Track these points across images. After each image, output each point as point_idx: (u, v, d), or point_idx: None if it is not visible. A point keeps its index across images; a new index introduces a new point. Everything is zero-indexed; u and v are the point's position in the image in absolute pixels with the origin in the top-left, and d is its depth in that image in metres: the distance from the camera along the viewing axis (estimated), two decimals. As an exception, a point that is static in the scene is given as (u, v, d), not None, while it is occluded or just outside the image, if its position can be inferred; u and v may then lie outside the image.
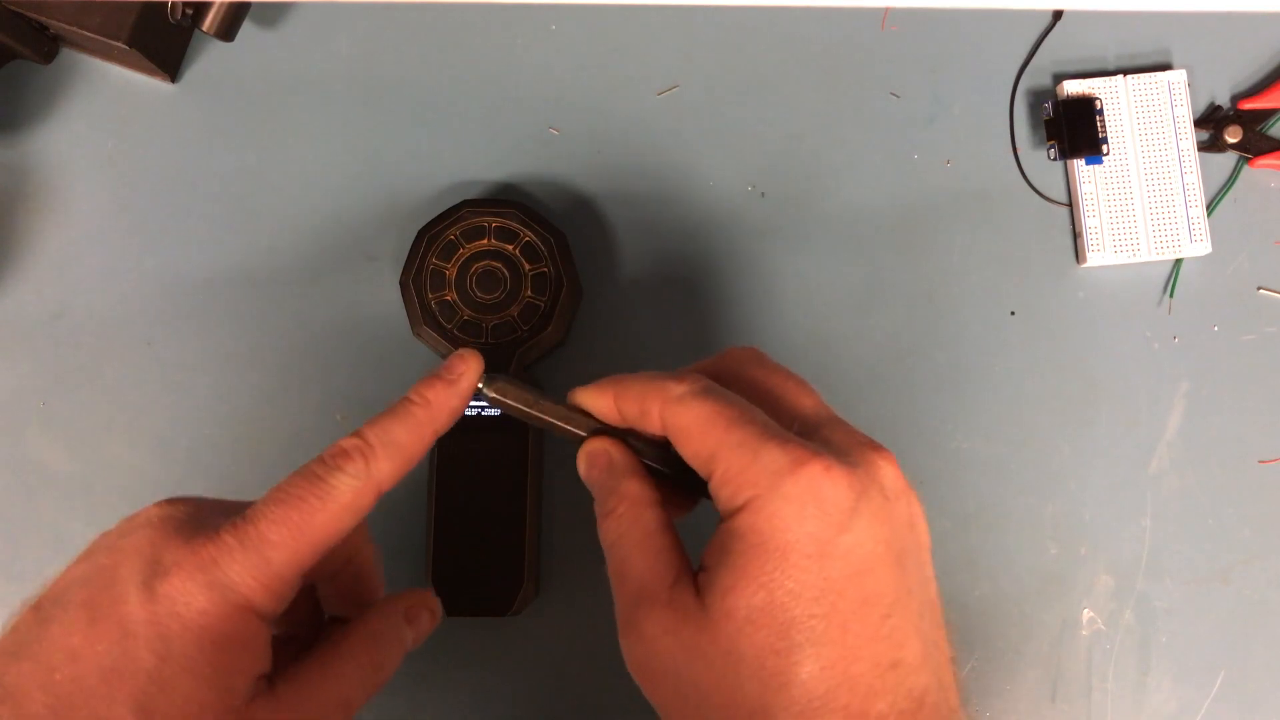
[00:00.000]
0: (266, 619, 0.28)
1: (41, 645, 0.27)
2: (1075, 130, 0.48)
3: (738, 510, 0.27)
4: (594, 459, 0.32)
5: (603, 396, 0.32)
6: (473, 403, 0.45)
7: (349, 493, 0.29)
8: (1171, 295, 0.49)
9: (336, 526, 0.29)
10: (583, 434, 0.33)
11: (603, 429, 0.33)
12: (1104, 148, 0.48)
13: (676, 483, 0.33)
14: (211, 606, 0.27)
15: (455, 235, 0.46)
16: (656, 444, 0.33)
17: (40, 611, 0.28)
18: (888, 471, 0.29)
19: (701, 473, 0.29)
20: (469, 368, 0.32)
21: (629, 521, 0.30)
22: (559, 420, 0.33)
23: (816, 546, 0.26)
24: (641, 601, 0.28)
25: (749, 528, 0.27)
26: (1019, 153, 0.50)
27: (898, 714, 0.27)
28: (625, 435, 0.33)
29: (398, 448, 0.30)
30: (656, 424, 0.30)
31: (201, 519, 0.29)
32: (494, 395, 0.33)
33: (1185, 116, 0.49)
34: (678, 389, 0.29)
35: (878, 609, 0.27)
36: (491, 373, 0.33)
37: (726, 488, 0.28)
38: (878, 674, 0.26)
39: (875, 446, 0.29)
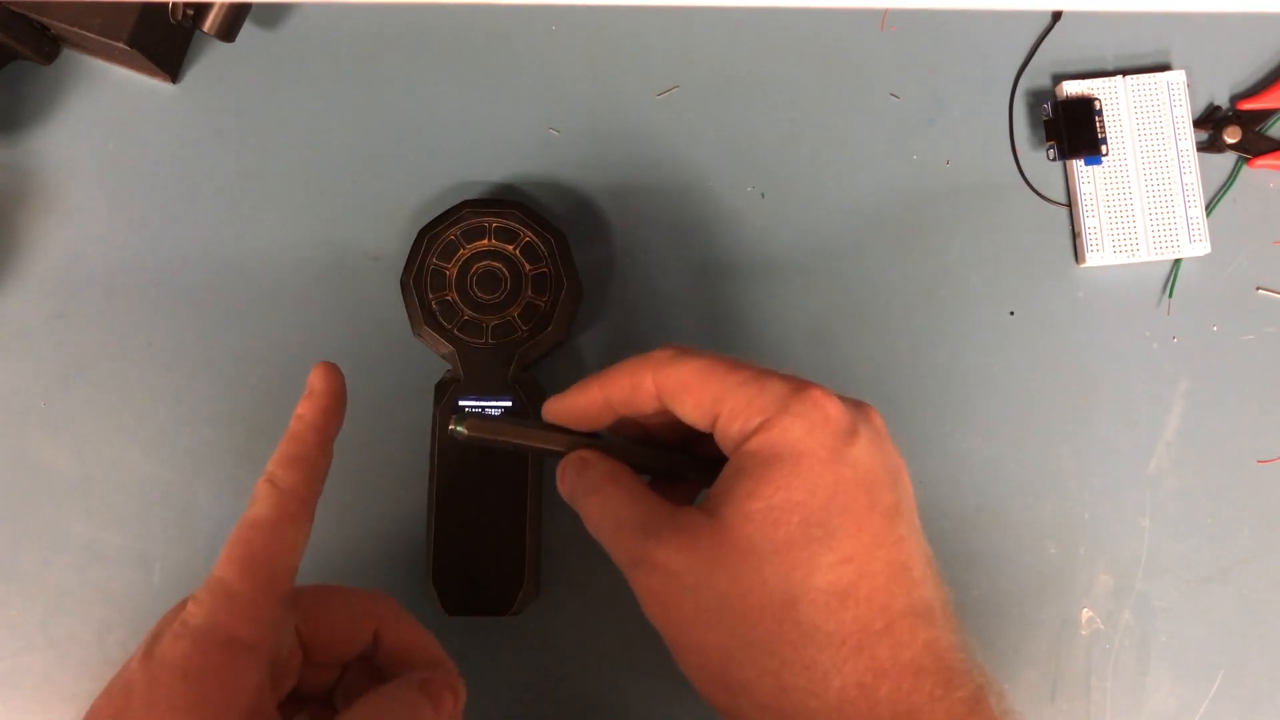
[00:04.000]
0: (254, 649, 0.30)
1: None
2: (1074, 131, 0.48)
3: (750, 434, 0.28)
4: (567, 467, 0.33)
5: (583, 394, 0.33)
6: (474, 402, 0.45)
7: (270, 509, 0.32)
8: (1171, 295, 0.49)
9: (276, 541, 0.31)
10: (561, 449, 0.33)
11: (580, 441, 0.33)
12: (1103, 148, 0.49)
13: (658, 478, 0.33)
14: (192, 647, 0.29)
15: (455, 235, 0.46)
16: (633, 446, 0.33)
17: None
18: (876, 414, 0.31)
19: (702, 421, 0.30)
20: (322, 378, 0.34)
21: (613, 488, 0.31)
22: (536, 442, 0.33)
23: (827, 453, 0.28)
24: (649, 534, 0.29)
25: (762, 444, 0.28)
26: (1018, 153, 0.50)
27: (914, 615, 0.28)
28: (602, 446, 0.33)
29: (292, 460, 0.33)
30: (649, 393, 0.31)
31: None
32: (467, 435, 0.33)
33: (1184, 117, 0.49)
34: (665, 354, 0.31)
35: (883, 516, 0.28)
36: (460, 414, 0.33)
37: (736, 421, 0.29)
38: (891, 574, 0.28)
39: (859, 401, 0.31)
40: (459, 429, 0.33)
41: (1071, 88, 0.49)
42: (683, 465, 0.34)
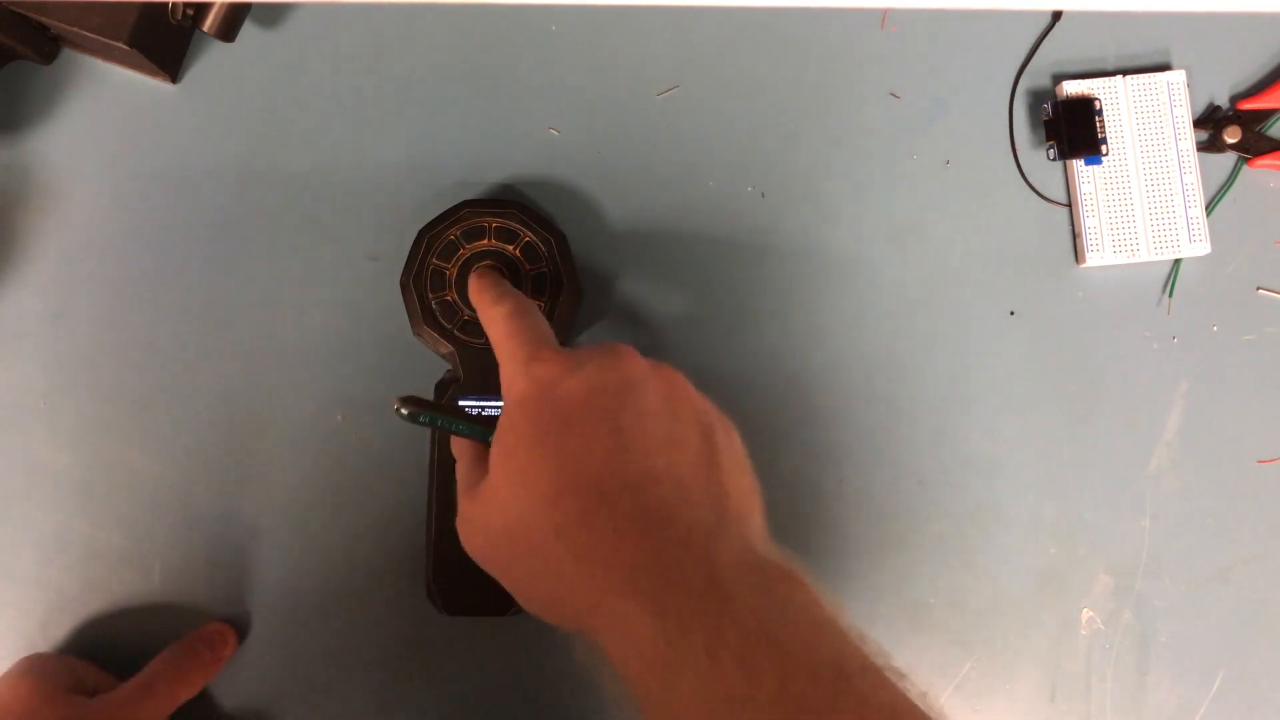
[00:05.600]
0: None
1: None
2: (1074, 130, 0.48)
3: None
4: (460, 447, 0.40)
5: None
6: (475, 402, 0.45)
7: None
8: (1171, 295, 0.49)
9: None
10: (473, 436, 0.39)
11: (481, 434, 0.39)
12: (1103, 148, 0.49)
13: None
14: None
15: (456, 235, 0.46)
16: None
17: None
18: (627, 359, 0.37)
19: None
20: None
21: (460, 458, 0.40)
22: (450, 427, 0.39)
23: (540, 392, 0.35)
24: (464, 490, 0.38)
25: (505, 402, 0.36)
26: (1018, 153, 0.50)
27: (632, 488, 0.33)
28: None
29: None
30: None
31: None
32: (406, 415, 0.38)
33: (1184, 117, 0.49)
34: (484, 280, 0.42)
35: (600, 416, 0.34)
36: (405, 398, 0.38)
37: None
38: (609, 456, 0.33)
39: None
40: (401, 411, 0.38)
41: (1071, 88, 0.49)
42: None
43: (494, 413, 0.45)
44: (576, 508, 0.32)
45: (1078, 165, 0.49)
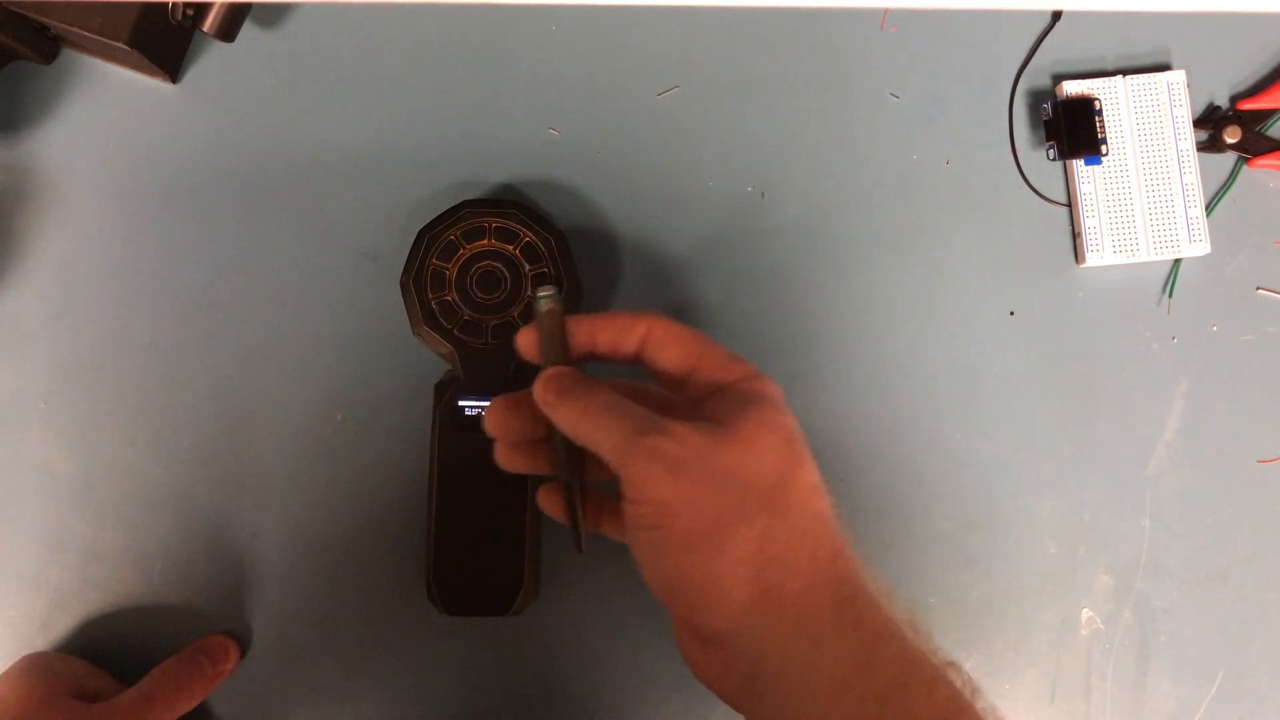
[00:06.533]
0: None
1: None
2: (1074, 130, 0.48)
3: (734, 382, 0.36)
4: (552, 378, 0.37)
5: (572, 325, 0.37)
6: (474, 401, 0.45)
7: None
8: (1170, 295, 0.49)
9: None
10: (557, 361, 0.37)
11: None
12: (1103, 148, 0.49)
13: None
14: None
15: (456, 235, 0.46)
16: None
17: None
18: None
19: (678, 369, 0.36)
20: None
21: (612, 391, 0.36)
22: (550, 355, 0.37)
23: (783, 404, 0.36)
24: (667, 411, 0.34)
25: (752, 388, 0.35)
26: (1018, 153, 0.50)
27: (833, 519, 0.36)
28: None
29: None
30: (635, 338, 0.37)
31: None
32: (544, 309, 0.36)
33: (1184, 117, 0.49)
34: (658, 313, 0.37)
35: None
36: (555, 294, 0.36)
37: (718, 372, 0.36)
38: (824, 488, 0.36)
39: None
40: (543, 297, 0.36)
41: (1071, 88, 0.49)
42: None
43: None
44: (827, 508, 0.35)
45: (1078, 165, 0.49)
